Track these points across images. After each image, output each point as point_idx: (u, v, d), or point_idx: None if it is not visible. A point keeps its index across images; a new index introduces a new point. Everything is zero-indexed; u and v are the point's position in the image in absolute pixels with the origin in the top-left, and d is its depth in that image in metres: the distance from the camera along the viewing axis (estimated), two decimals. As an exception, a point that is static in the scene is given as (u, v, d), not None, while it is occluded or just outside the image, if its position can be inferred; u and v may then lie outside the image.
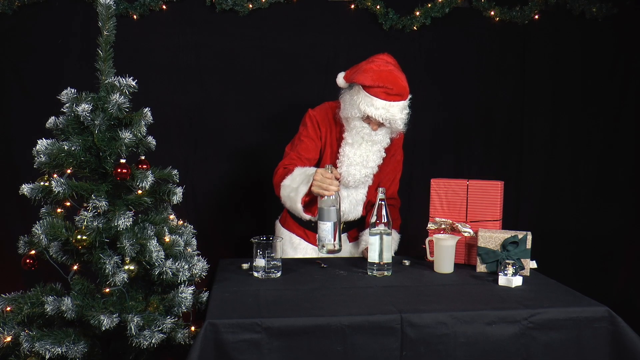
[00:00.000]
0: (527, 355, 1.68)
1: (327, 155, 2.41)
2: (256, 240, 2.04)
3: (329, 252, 2.10)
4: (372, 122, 2.28)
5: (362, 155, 2.33)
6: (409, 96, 2.29)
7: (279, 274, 2.06)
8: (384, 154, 2.39)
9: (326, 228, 2.07)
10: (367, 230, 2.24)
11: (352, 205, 2.43)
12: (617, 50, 3.42)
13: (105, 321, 1.69)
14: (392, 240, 2.17)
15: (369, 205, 2.47)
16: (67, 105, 1.86)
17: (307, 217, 2.29)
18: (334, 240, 2.08)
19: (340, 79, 2.35)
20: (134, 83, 1.89)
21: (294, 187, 2.23)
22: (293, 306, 1.72)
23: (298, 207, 2.23)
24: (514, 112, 3.44)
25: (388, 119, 2.23)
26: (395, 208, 2.53)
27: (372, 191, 2.46)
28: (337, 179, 2.20)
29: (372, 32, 3.24)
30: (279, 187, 2.32)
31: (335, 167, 2.35)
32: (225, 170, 3.28)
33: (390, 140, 2.38)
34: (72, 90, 1.87)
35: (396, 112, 2.23)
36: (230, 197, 3.30)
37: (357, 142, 2.32)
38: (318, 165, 2.41)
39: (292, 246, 2.52)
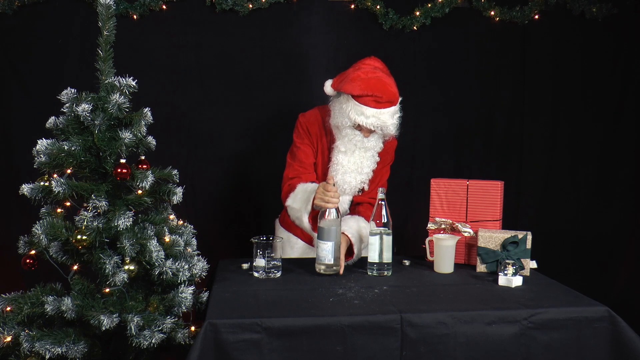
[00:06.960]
0: (527, 355, 1.68)
1: (318, 162, 2.39)
2: (256, 240, 2.04)
3: (328, 272, 2.05)
4: (364, 129, 2.26)
5: (356, 163, 2.32)
6: (399, 99, 2.27)
7: (279, 274, 2.05)
8: (377, 159, 2.38)
9: (326, 248, 2.03)
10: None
11: (342, 209, 2.41)
12: (617, 50, 3.42)
13: (105, 321, 1.69)
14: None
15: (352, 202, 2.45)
16: (67, 105, 1.86)
17: (315, 234, 2.24)
18: (334, 261, 2.04)
19: (328, 88, 2.32)
20: (134, 83, 1.89)
21: (296, 207, 2.23)
22: (293, 306, 1.72)
23: (306, 228, 2.25)
24: (514, 112, 3.44)
25: (379, 126, 2.22)
26: (372, 206, 2.46)
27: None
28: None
29: (372, 32, 3.24)
30: (286, 207, 2.32)
31: (328, 175, 2.34)
32: (225, 171, 3.28)
33: (382, 144, 2.37)
34: (72, 90, 1.87)
35: (387, 118, 2.21)
36: (230, 197, 3.30)
37: (350, 150, 2.31)
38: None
39: (290, 245, 2.52)
